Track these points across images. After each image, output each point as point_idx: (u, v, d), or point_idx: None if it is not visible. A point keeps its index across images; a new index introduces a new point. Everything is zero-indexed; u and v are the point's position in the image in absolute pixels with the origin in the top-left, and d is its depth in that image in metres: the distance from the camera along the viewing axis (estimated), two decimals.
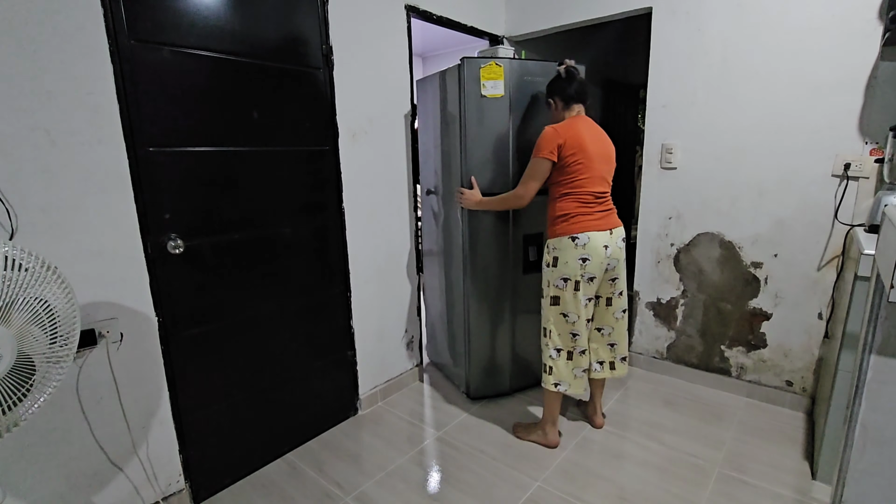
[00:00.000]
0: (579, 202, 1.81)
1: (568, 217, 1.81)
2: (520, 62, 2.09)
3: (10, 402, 0.99)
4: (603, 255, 1.81)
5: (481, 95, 2.06)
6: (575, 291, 1.83)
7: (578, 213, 1.81)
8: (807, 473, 1.81)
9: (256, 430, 1.90)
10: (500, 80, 2.06)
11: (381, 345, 2.39)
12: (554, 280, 1.86)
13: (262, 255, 1.83)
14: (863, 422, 0.98)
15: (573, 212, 1.81)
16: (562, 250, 1.82)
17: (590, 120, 1.89)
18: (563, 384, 1.92)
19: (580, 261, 1.79)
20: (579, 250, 1.79)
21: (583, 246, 1.79)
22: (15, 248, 0.98)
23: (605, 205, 1.86)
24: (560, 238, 1.82)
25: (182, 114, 1.56)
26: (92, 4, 1.32)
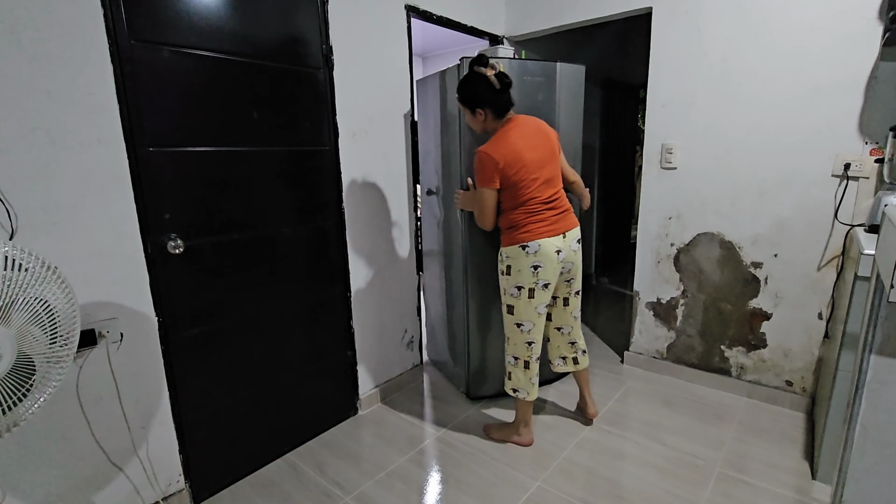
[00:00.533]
0: (527, 212, 1.78)
1: (517, 226, 1.79)
2: (519, 62, 2.09)
3: (10, 402, 0.99)
4: (556, 260, 1.79)
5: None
6: (529, 299, 1.82)
7: (528, 222, 1.78)
8: (807, 473, 1.81)
9: (256, 430, 1.90)
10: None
11: (381, 345, 2.40)
12: (508, 289, 1.85)
13: (262, 255, 1.83)
14: (863, 422, 0.98)
15: (522, 221, 1.78)
16: (514, 258, 1.80)
17: (521, 119, 1.80)
18: (521, 391, 1.94)
19: (532, 269, 1.78)
20: (531, 258, 1.77)
21: (534, 254, 1.77)
22: (15, 248, 0.99)
23: (556, 208, 1.81)
24: (511, 247, 1.81)
25: (182, 114, 1.56)
26: (92, 4, 1.32)
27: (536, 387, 1.96)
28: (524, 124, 1.79)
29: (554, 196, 1.81)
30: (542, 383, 2.43)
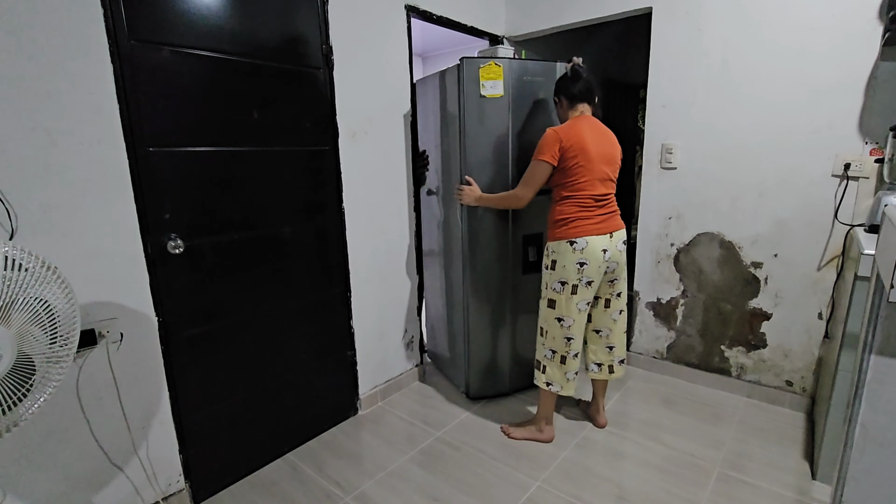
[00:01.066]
0: (579, 206, 1.80)
1: (567, 221, 1.81)
2: (520, 62, 2.09)
3: (10, 402, 0.99)
4: (601, 259, 1.80)
5: (480, 95, 2.06)
6: (571, 295, 1.83)
7: (578, 217, 1.80)
8: (807, 473, 1.81)
9: (256, 430, 1.90)
10: (499, 80, 2.05)
11: (381, 345, 2.39)
12: (551, 283, 1.86)
13: (262, 255, 1.83)
14: (863, 422, 0.98)
15: (572, 216, 1.81)
16: (560, 254, 1.82)
17: (595, 120, 1.87)
18: (554, 385, 1.93)
19: (577, 265, 1.79)
20: (577, 255, 1.79)
21: (581, 251, 1.78)
22: (15, 248, 0.98)
23: (606, 207, 1.85)
24: (559, 242, 1.82)
25: (182, 114, 1.56)
26: (92, 4, 1.32)
27: (573, 383, 1.95)
28: (596, 123, 1.86)
29: (606, 195, 1.84)
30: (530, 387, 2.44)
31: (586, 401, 2.25)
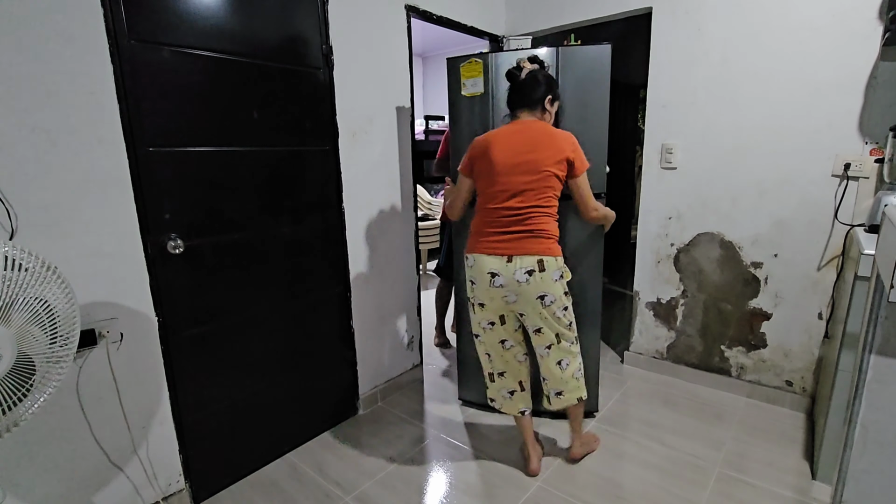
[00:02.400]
0: (481, 219, 1.68)
1: (470, 234, 1.73)
2: (510, 54, 1.94)
3: (10, 402, 0.99)
4: (487, 283, 1.63)
5: (461, 95, 2.03)
6: (473, 313, 1.77)
7: (475, 232, 1.70)
8: (807, 473, 1.81)
9: (256, 429, 1.90)
10: (479, 78, 1.99)
11: (381, 345, 2.39)
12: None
13: (262, 255, 1.83)
14: (863, 422, 0.98)
15: (473, 229, 1.71)
16: (464, 267, 1.76)
17: (528, 123, 1.65)
18: (496, 402, 1.88)
19: (469, 282, 1.72)
20: (468, 271, 1.71)
21: (470, 267, 1.69)
22: (15, 248, 0.98)
23: (514, 226, 1.60)
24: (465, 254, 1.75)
25: (182, 114, 1.56)
26: (92, 4, 1.32)
27: (511, 402, 1.84)
28: (523, 128, 1.64)
29: (516, 211, 1.60)
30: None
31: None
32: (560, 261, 1.65)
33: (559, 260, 1.64)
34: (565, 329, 1.71)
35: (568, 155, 1.61)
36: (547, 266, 1.60)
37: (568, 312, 1.71)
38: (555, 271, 1.62)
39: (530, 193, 1.60)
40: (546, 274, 1.60)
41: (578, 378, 1.78)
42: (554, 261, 1.62)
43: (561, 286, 1.65)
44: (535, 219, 1.60)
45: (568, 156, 1.61)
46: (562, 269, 1.66)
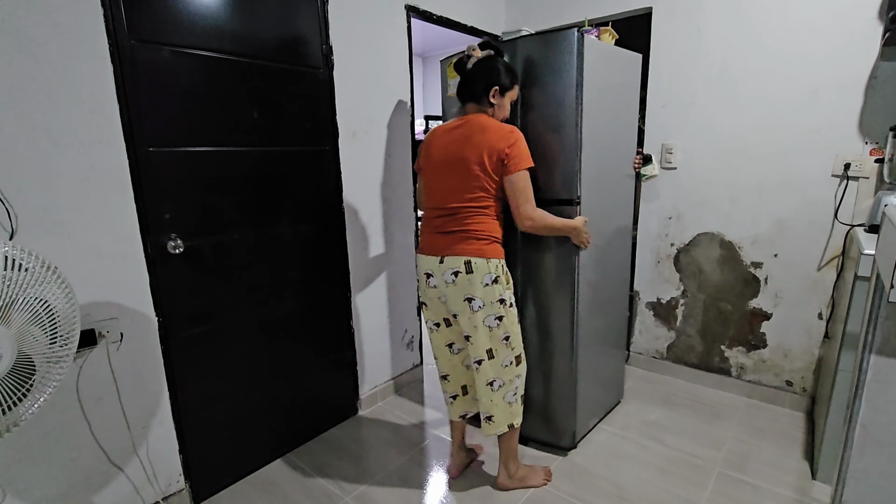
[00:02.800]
0: (423, 218, 1.64)
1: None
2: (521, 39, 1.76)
3: (10, 402, 0.99)
4: (425, 283, 1.60)
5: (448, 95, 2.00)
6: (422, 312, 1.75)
7: (420, 231, 1.66)
8: (807, 473, 1.81)
9: (256, 430, 1.90)
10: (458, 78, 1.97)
11: (381, 345, 2.39)
12: None
13: (261, 255, 1.83)
14: (863, 422, 0.98)
15: (420, 229, 1.68)
16: None
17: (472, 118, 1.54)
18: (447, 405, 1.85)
19: (418, 280, 1.69)
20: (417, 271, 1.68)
21: (416, 267, 1.67)
22: (15, 248, 0.99)
23: (448, 225, 1.54)
24: None
25: (182, 114, 1.56)
26: (92, 4, 1.32)
27: (454, 406, 1.80)
28: (463, 123, 1.55)
29: (447, 211, 1.54)
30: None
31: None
32: (494, 264, 1.52)
33: (492, 263, 1.52)
34: (499, 344, 1.58)
35: (500, 150, 1.47)
36: (475, 268, 1.50)
37: (504, 325, 1.56)
38: (485, 275, 1.50)
39: (462, 192, 1.52)
40: (474, 276, 1.50)
41: (512, 403, 1.65)
42: (485, 263, 1.50)
43: (494, 292, 1.52)
44: (469, 218, 1.52)
45: (500, 152, 1.47)
46: (496, 274, 1.52)
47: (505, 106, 1.59)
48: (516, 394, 1.66)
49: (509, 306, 1.58)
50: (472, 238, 1.52)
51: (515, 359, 1.63)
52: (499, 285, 1.53)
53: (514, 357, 1.63)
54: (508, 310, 1.57)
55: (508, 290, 1.58)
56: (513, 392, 1.65)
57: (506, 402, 1.65)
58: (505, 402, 1.65)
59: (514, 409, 1.67)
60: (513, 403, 1.66)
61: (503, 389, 1.64)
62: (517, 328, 1.63)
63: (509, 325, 1.58)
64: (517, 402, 1.67)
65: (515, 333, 1.62)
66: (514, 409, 1.67)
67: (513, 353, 1.62)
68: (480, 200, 1.52)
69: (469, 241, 1.52)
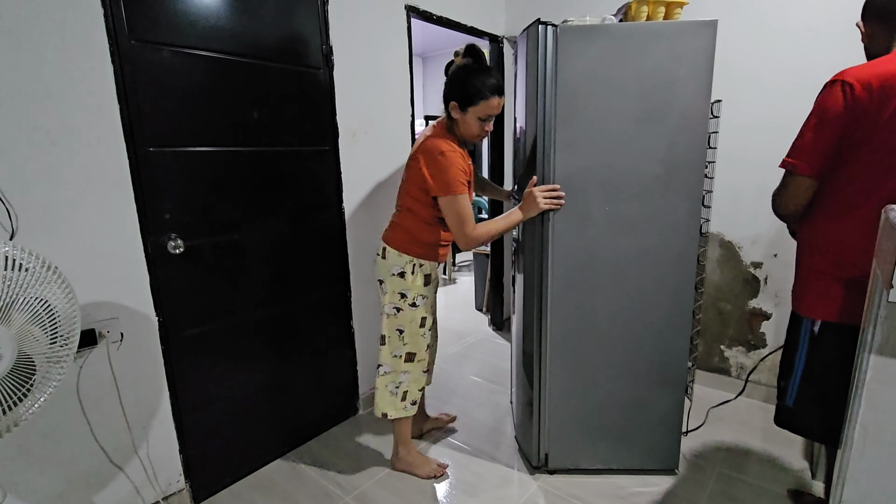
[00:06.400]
0: None
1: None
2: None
3: (10, 402, 0.99)
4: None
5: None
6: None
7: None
8: (807, 473, 1.81)
9: (256, 430, 1.90)
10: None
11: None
12: None
13: (262, 255, 1.83)
14: (863, 422, 0.98)
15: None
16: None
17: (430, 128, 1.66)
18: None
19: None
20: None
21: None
22: (15, 248, 0.99)
23: (393, 215, 1.76)
24: None
25: (182, 114, 1.56)
26: (92, 4, 1.32)
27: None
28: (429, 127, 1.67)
29: (396, 201, 1.74)
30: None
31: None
32: (406, 259, 1.64)
33: (404, 258, 1.64)
34: (394, 333, 1.70)
35: (421, 171, 1.55)
36: (387, 255, 1.67)
37: (400, 318, 1.68)
38: (394, 266, 1.65)
39: (403, 191, 1.68)
40: (385, 262, 1.67)
41: (394, 393, 1.75)
42: (395, 254, 1.65)
43: (397, 284, 1.66)
44: (401, 215, 1.69)
45: (420, 172, 1.55)
46: (405, 269, 1.65)
47: (468, 122, 1.56)
48: (399, 387, 1.75)
49: (410, 305, 1.67)
50: (397, 230, 1.68)
51: (407, 354, 1.73)
52: (404, 280, 1.65)
53: (406, 353, 1.72)
54: (408, 307, 1.67)
55: (415, 292, 1.67)
56: (396, 384, 1.75)
57: (387, 391, 1.76)
58: (387, 390, 1.76)
59: (393, 401, 1.76)
60: (394, 394, 1.76)
61: (388, 378, 1.75)
62: (416, 329, 1.71)
63: (406, 321, 1.69)
64: (398, 397, 1.76)
65: (412, 333, 1.71)
66: (393, 400, 1.76)
67: (404, 349, 1.72)
68: (412, 204, 1.63)
69: (393, 232, 1.69)
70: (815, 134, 1.21)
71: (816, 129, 1.21)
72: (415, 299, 1.68)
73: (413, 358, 1.74)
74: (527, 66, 1.61)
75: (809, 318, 1.35)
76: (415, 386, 1.78)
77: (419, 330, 1.72)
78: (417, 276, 1.67)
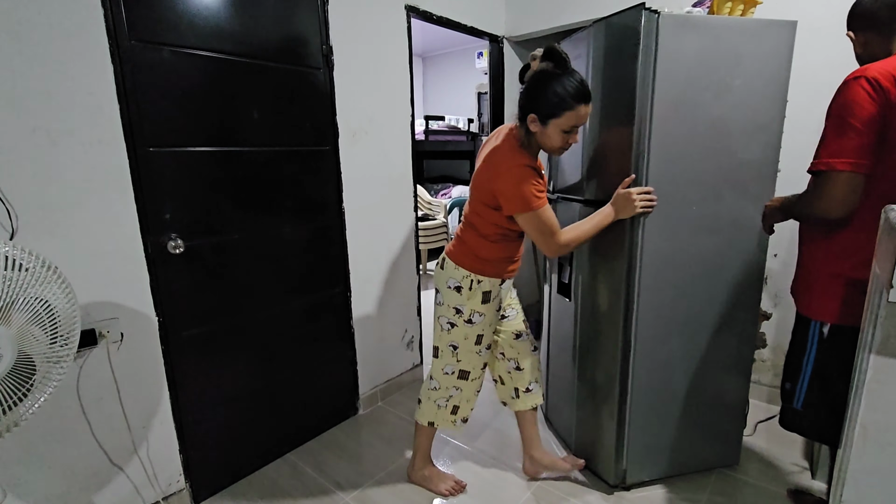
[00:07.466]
0: None
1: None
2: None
3: (10, 402, 0.99)
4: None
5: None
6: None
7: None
8: (807, 473, 1.81)
9: (256, 430, 1.90)
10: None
11: (381, 345, 2.40)
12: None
13: (262, 255, 1.83)
14: (863, 422, 0.98)
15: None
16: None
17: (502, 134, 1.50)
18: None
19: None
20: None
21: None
22: (15, 248, 0.99)
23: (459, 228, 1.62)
24: None
25: (182, 114, 1.56)
26: (92, 4, 1.32)
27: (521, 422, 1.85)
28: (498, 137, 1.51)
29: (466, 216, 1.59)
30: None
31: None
32: (463, 273, 1.54)
33: (460, 271, 1.54)
34: (446, 348, 1.63)
35: (491, 189, 1.43)
36: (445, 266, 1.59)
37: (453, 334, 1.59)
38: (450, 279, 1.56)
39: (470, 204, 1.55)
40: (443, 273, 1.59)
41: (441, 407, 1.70)
42: (453, 267, 1.55)
43: (453, 297, 1.56)
44: (462, 226, 1.59)
45: (492, 190, 1.43)
46: (461, 284, 1.54)
47: (550, 135, 1.39)
48: (448, 401, 1.70)
49: (466, 321, 1.57)
50: (458, 242, 1.59)
51: (460, 372, 1.64)
52: (460, 295, 1.55)
53: (459, 370, 1.64)
54: (463, 323, 1.58)
55: (471, 307, 1.56)
56: (445, 399, 1.69)
57: (433, 403, 1.71)
58: (433, 403, 1.71)
59: (441, 413, 1.71)
60: (441, 407, 1.71)
61: (437, 393, 1.69)
62: (471, 347, 1.61)
63: (459, 337, 1.60)
64: (447, 409, 1.70)
65: (466, 350, 1.61)
66: (441, 412, 1.71)
67: (457, 366, 1.64)
68: (474, 218, 1.53)
69: (455, 244, 1.60)
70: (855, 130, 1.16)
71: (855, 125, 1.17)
72: (471, 316, 1.57)
73: (467, 376, 1.65)
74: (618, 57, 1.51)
75: (819, 320, 1.34)
76: (467, 404, 1.70)
77: (474, 347, 1.61)
78: (476, 293, 1.54)
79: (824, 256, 1.33)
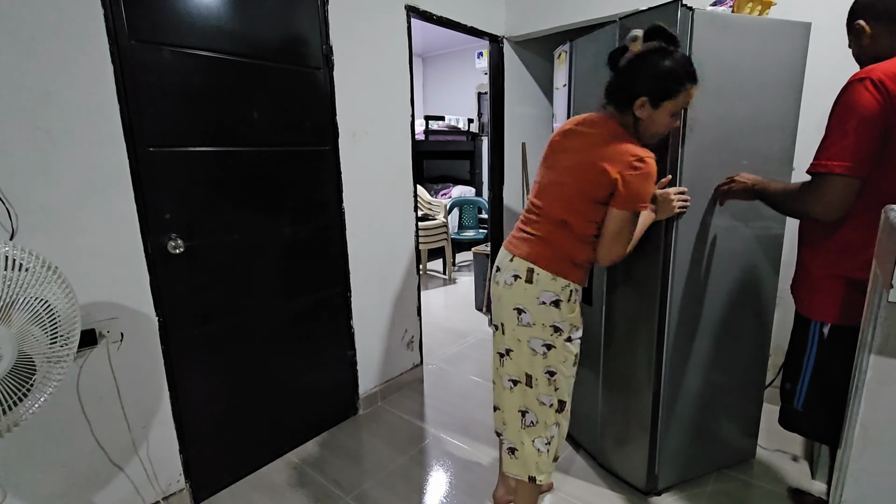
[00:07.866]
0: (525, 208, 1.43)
1: None
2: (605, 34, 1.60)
3: (10, 402, 0.99)
4: (492, 275, 1.43)
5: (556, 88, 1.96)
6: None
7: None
8: (807, 473, 1.81)
9: (256, 430, 1.90)
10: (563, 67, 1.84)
11: (381, 345, 2.40)
12: None
13: (262, 254, 1.83)
14: (863, 422, 0.98)
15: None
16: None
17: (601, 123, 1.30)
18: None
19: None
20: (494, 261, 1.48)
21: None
22: (15, 248, 0.99)
23: (531, 225, 1.35)
24: None
25: (182, 114, 1.56)
26: (92, 4, 1.32)
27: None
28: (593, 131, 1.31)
29: (535, 209, 1.35)
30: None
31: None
32: (562, 284, 1.29)
33: (559, 282, 1.29)
34: (542, 376, 1.34)
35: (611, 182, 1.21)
36: (536, 279, 1.29)
37: (551, 357, 1.33)
38: (545, 292, 1.29)
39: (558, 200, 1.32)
40: (532, 287, 1.30)
41: (542, 452, 1.39)
42: (549, 278, 1.29)
43: (549, 314, 1.30)
44: (546, 226, 1.33)
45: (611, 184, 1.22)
46: (560, 297, 1.29)
47: (658, 120, 1.25)
48: (550, 444, 1.39)
49: (566, 340, 1.33)
50: (547, 248, 1.31)
51: (559, 403, 1.37)
52: (559, 310, 1.30)
53: (557, 401, 1.37)
54: (564, 344, 1.33)
55: (571, 323, 1.33)
56: (546, 440, 1.39)
57: (534, 448, 1.39)
58: (534, 448, 1.39)
59: (541, 461, 1.39)
60: (542, 454, 1.39)
61: (536, 430, 1.38)
62: (570, 371, 1.37)
63: (558, 361, 1.33)
64: (547, 456, 1.40)
65: (565, 376, 1.36)
66: (541, 459, 1.39)
67: (556, 396, 1.37)
68: (572, 217, 1.29)
69: (543, 249, 1.32)
70: (857, 134, 1.16)
71: (857, 129, 1.16)
72: (570, 333, 1.33)
73: (564, 407, 1.39)
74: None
75: (819, 320, 1.34)
76: (561, 443, 1.45)
77: (571, 370, 1.37)
78: (575, 305, 1.33)
79: (824, 257, 1.33)
